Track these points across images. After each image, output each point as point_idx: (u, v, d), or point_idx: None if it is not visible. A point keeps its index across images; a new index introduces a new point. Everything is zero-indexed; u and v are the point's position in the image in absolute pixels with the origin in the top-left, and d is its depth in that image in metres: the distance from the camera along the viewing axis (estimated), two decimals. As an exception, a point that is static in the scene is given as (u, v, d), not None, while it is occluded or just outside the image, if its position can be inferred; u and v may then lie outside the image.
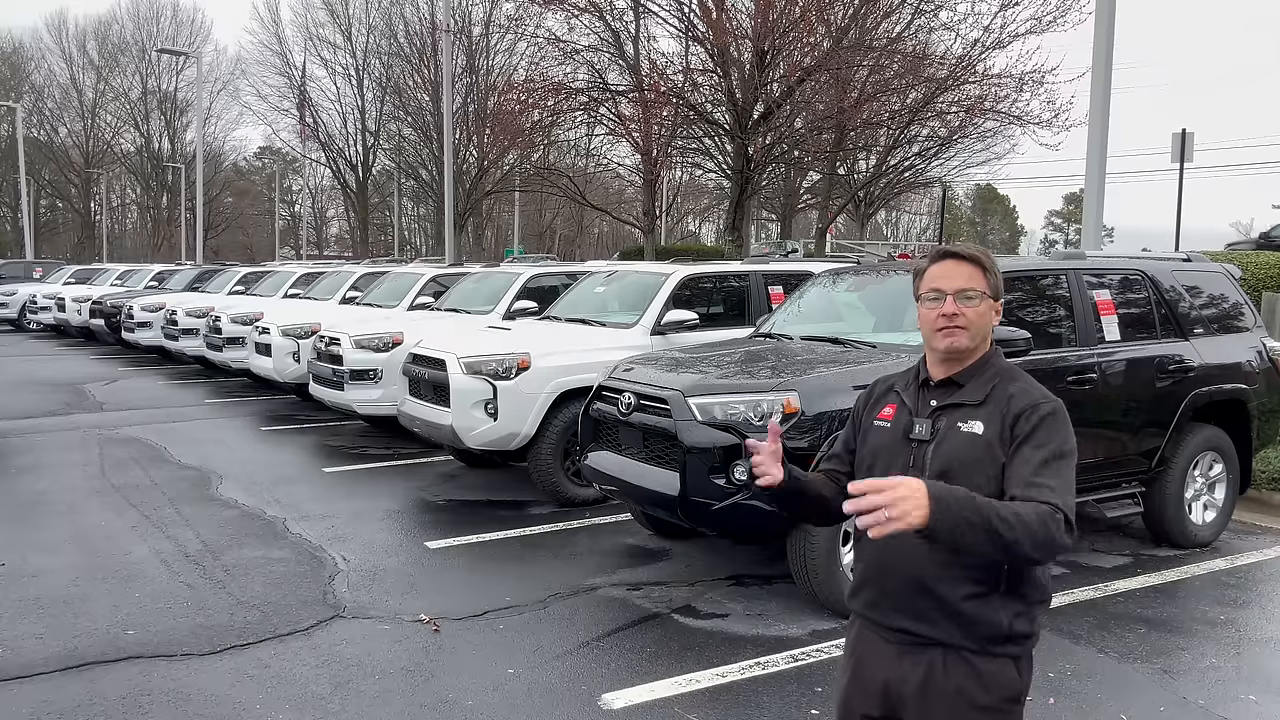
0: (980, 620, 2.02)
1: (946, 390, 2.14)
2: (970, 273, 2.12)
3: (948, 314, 2.09)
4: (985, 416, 2.06)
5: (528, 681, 4.22)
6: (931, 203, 55.97)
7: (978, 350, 2.14)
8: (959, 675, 2.04)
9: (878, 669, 2.14)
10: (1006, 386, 2.09)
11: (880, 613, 2.13)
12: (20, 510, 7.03)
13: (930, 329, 2.14)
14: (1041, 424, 2.01)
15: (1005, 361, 2.16)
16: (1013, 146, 26.67)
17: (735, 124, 17.57)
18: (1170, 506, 6.14)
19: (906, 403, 2.18)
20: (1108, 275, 6.15)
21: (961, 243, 2.45)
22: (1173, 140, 20.51)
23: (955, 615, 2.03)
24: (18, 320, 25.87)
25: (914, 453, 2.10)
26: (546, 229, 56.22)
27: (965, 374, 2.13)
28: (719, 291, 8.65)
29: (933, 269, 2.16)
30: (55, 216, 63.37)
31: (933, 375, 2.17)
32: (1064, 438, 2.02)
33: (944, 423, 2.10)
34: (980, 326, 2.11)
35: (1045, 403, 2.05)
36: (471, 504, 7.43)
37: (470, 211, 35.84)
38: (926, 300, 2.15)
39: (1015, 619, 2.04)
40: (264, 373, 12.02)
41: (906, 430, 2.14)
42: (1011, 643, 2.05)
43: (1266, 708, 4.10)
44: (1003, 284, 2.19)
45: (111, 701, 3.99)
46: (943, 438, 2.08)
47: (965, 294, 2.10)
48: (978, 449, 2.03)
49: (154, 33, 55.60)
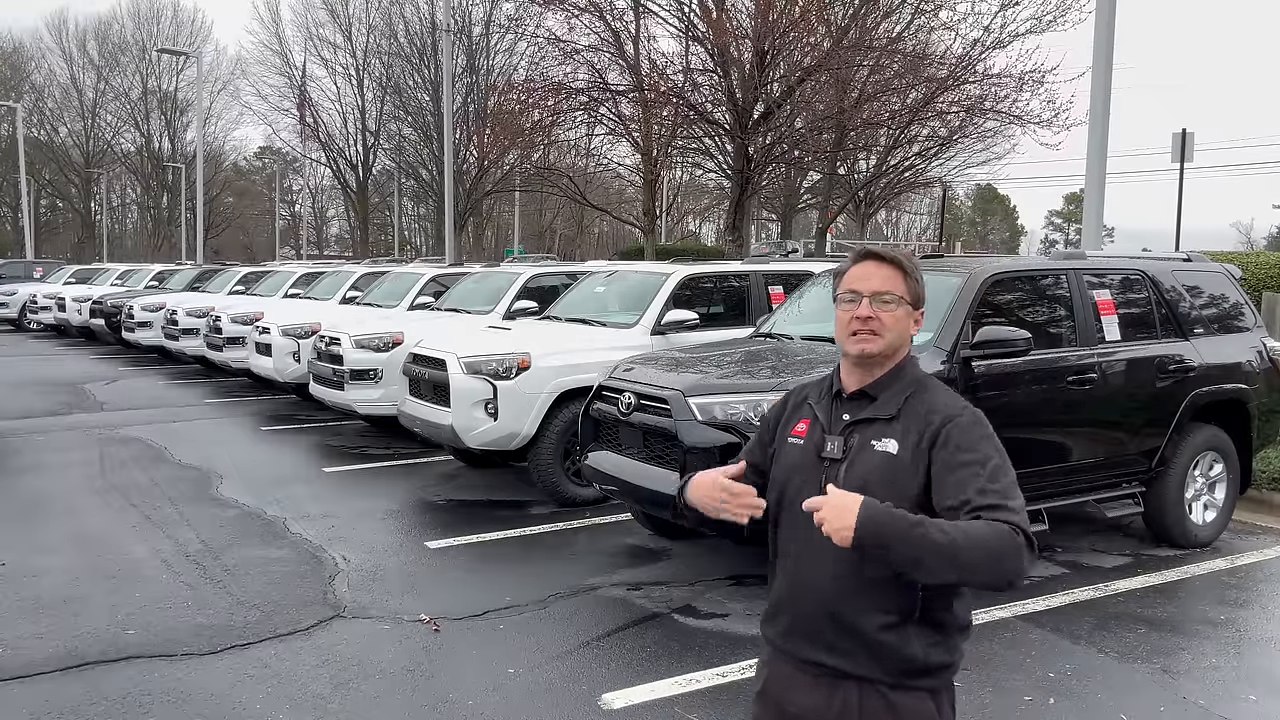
0: (895, 652, 1.94)
1: (859, 404, 2.05)
2: (889, 275, 2.03)
3: (861, 317, 2.01)
4: (899, 433, 1.97)
5: (528, 681, 4.22)
6: (931, 203, 55.96)
7: (892, 359, 2.05)
8: (874, 711, 1.95)
9: (791, 701, 2.05)
10: (921, 399, 2.01)
11: (794, 643, 2.05)
12: (20, 510, 7.03)
13: (844, 332, 2.05)
14: (967, 435, 1.92)
15: (920, 371, 2.09)
16: (1013, 146, 26.73)
17: (735, 124, 17.57)
18: (1170, 506, 6.14)
19: (819, 417, 2.09)
20: (1108, 275, 6.15)
21: (884, 245, 2.38)
22: (1173, 140, 20.51)
23: (869, 646, 1.94)
24: (18, 320, 25.87)
25: (826, 472, 2.01)
26: (546, 229, 56.20)
27: (878, 385, 2.04)
28: (719, 291, 8.65)
29: (852, 270, 2.07)
30: (55, 216, 63.41)
31: (845, 386, 2.08)
32: (996, 447, 1.93)
33: (856, 440, 2.01)
34: (896, 333, 2.02)
35: (965, 413, 1.97)
36: (471, 504, 7.43)
37: (470, 211, 35.86)
38: (843, 302, 2.06)
39: (931, 649, 1.95)
40: (264, 373, 12.02)
41: (819, 448, 2.05)
42: (928, 675, 1.96)
43: (1266, 707, 4.10)
44: (924, 292, 2.09)
45: (112, 701, 3.99)
46: (855, 457, 1.99)
47: (882, 297, 2.01)
48: (891, 470, 1.95)
49: (154, 32, 55.64)
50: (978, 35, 19.34)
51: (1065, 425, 5.69)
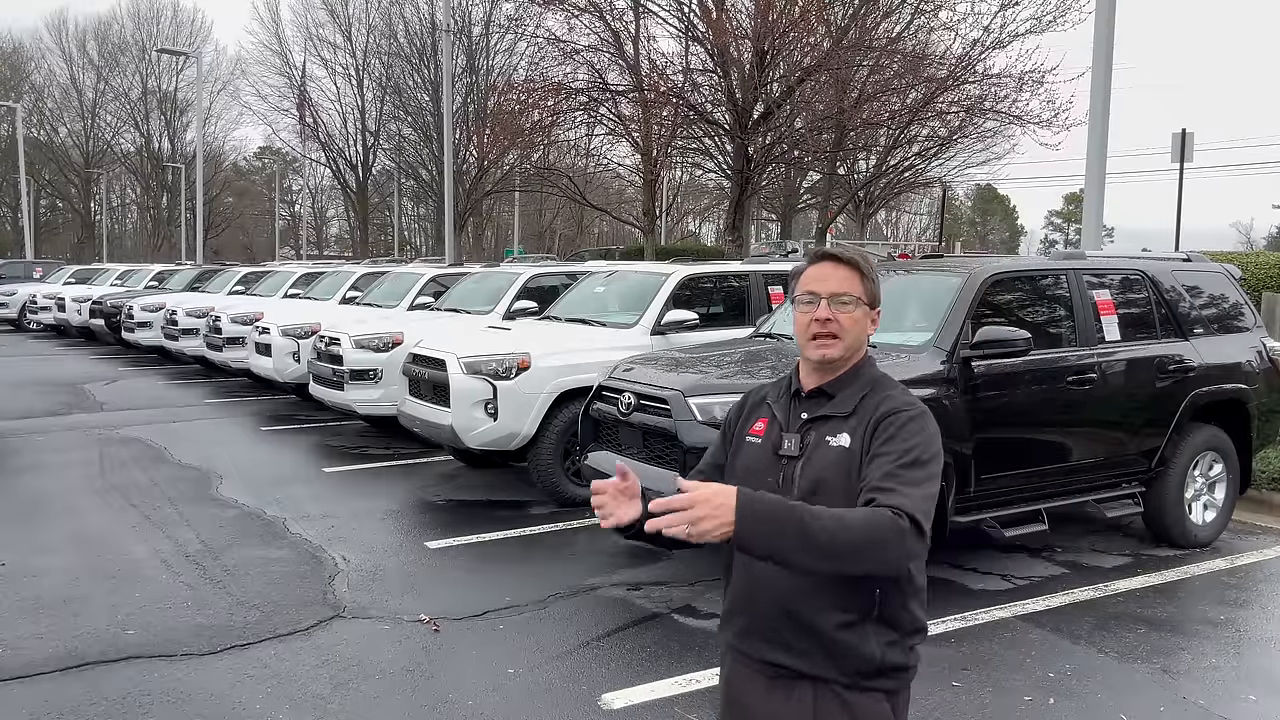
0: (851, 651, 1.93)
1: (817, 401, 2.06)
2: (847, 276, 2.04)
3: (820, 319, 2.02)
4: (852, 429, 1.98)
5: (528, 681, 4.22)
6: (931, 203, 55.96)
7: (850, 359, 2.06)
8: (829, 712, 1.94)
9: (749, 703, 2.05)
10: (875, 397, 2.02)
11: (750, 644, 2.04)
12: (20, 510, 7.03)
13: (804, 336, 2.06)
14: (902, 429, 1.93)
15: (878, 370, 2.10)
16: (1013, 146, 26.75)
17: (735, 124, 17.57)
18: (1170, 506, 6.14)
19: (777, 416, 2.10)
20: (1108, 275, 6.16)
21: (842, 245, 2.36)
22: (1173, 140, 20.51)
23: (825, 646, 1.94)
24: (18, 320, 25.86)
25: (783, 470, 2.02)
26: (546, 229, 56.23)
27: (836, 384, 2.05)
28: (719, 291, 8.65)
29: (810, 270, 2.08)
30: (55, 216, 63.41)
31: (804, 385, 2.09)
32: (924, 442, 1.93)
33: (813, 437, 2.02)
34: (854, 335, 2.04)
35: (909, 409, 1.98)
36: (471, 504, 7.43)
37: (470, 211, 35.87)
38: (800, 303, 2.07)
39: (888, 649, 1.95)
40: (264, 373, 12.02)
41: (776, 446, 2.05)
42: (884, 676, 1.96)
43: (1266, 707, 4.10)
44: (880, 291, 2.10)
45: (112, 701, 3.99)
46: (811, 453, 2.00)
47: (840, 298, 2.02)
48: (844, 463, 1.95)
49: (154, 33, 55.62)
50: (977, 35, 19.37)
51: (1065, 425, 5.69)
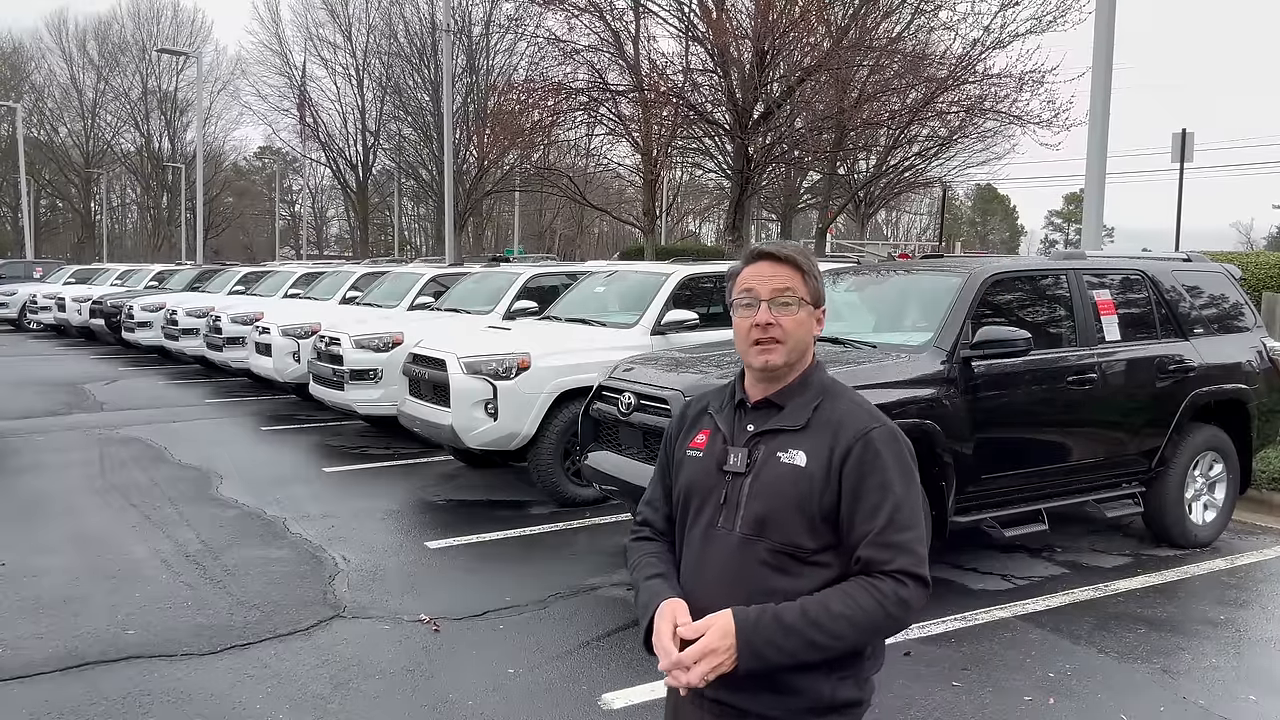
0: (800, 689, 1.82)
1: (765, 413, 1.92)
2: (788, 274, 1.90)
3: (761, 324, 1.88)
4: (809, 445, 1.86)
5: (528, 681, 4.22)
6: (931, 203, 55.96)
7: (797, 365, 1.93)
8: None
9: None
10: (832, 407, 1.90)
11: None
12: (20, 510, 7.03)
13: (745, 343, 1.92)
14: (877, 461, 1.83)
15: (828, 377, 1.98)
16: (1013, 146, 26.74)
17: (735, 124, 17.56)
18: (1170, 506, 6.14)
19: (720, 428, 1.95)
20: (1108, 275, 6.15)
21: (779, 241, 2.25)
22: (1173, 140, 20.53)
23: (772, 684, 1.82)
24: (18, 320, 25.87)
25: (729, 487, 1.89)
26: (546, 229, 56.23)
27: (785, 393, 1.92)
28: (719, 291, 8.64)
29: (746, 270, 1.94)
30: (55, 216, 63.40)
31: (750, 396, 1.95)
32: (903, 471, 1.84)
33: (762, 452, 1.88)
34: (799, 338, 1.90)
35: (877, 428, 1.86)
36: (471, 504, 7.43)
37: (470, 211, 35.84)
38: (739, 306, 1.93)
39: (840, 684, 1.84)
40: (264, 373, 12.02)
41: (720, 461, 1.92)
42: (835, 713, 1.85)
43: (1266, 707, 4.10)
44: (824, 289, 1.97)
45: (112, 701, 3.99)
46: (760, 469, 1.87)
47: (781, 299, 1.89)
48: (800, 484, 1.83)
49: (154, 33, 55.62)
50: (977, 35, 19.37)
51: (1065, 425, 5.69)
